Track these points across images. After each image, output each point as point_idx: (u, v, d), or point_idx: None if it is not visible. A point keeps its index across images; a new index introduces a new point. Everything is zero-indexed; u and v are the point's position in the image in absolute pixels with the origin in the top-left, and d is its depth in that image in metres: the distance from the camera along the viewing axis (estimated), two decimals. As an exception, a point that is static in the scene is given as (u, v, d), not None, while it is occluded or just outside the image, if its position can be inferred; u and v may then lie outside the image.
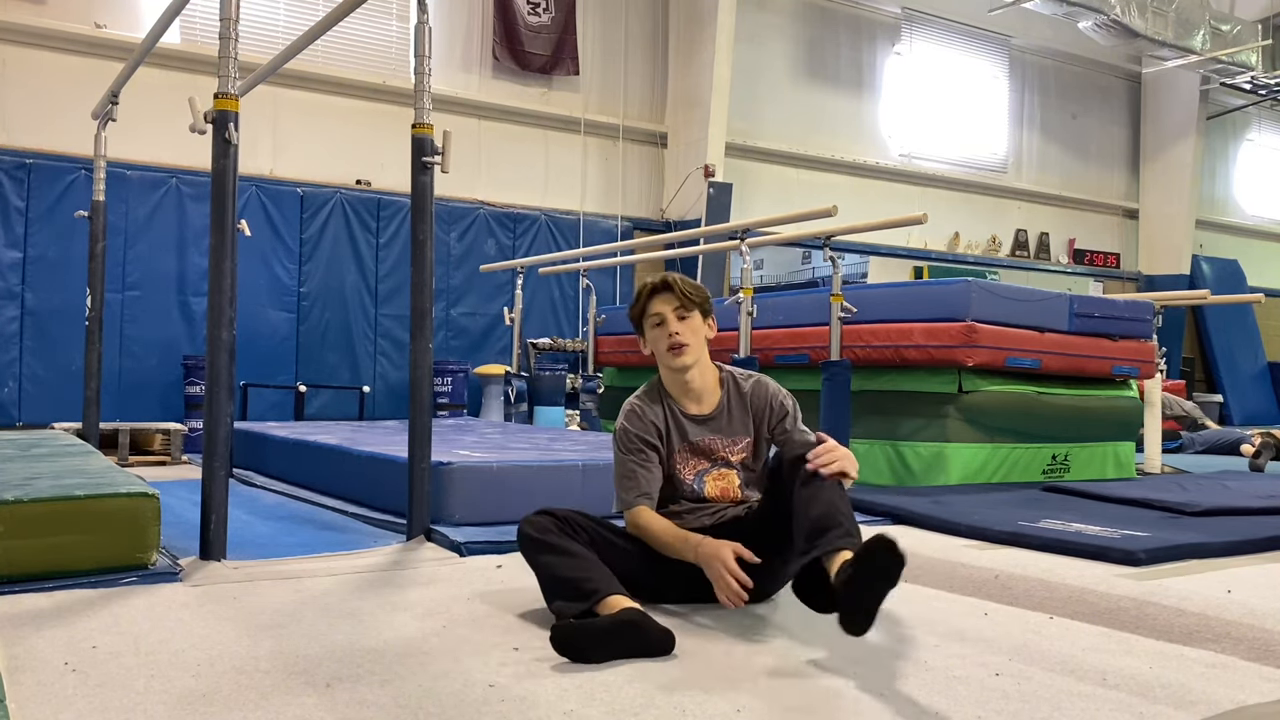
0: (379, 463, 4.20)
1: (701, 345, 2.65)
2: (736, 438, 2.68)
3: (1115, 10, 12.20)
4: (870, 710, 1.82)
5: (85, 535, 2.71)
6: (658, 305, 2.64)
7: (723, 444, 2.67)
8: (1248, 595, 2.66)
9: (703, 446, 2.66)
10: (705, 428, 2.67)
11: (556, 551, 2.39)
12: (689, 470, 2.66)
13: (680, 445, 2.66)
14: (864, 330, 5.35)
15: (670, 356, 2.62)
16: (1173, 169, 15.11)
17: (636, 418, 2.66)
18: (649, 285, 2.69)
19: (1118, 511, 4.15)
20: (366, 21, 9.29)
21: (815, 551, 2.21)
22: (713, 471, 2.66)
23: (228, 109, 3.15)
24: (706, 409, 2.68)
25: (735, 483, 2.67)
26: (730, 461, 2.67)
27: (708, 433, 2.67)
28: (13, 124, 7.91)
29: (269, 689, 1.87)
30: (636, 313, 2.71)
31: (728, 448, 2.67)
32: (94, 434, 5.33)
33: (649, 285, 2.69)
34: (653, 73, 11.12)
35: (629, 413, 2.68)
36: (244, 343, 5.56)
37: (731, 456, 2.67)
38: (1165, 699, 1.91)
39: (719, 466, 2.66)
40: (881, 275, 12.25)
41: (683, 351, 2.61)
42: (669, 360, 2.63)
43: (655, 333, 2.65)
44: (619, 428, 2.68)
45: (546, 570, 2.39)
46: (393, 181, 9.16)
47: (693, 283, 2.68)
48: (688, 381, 2.66)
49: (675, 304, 2.63)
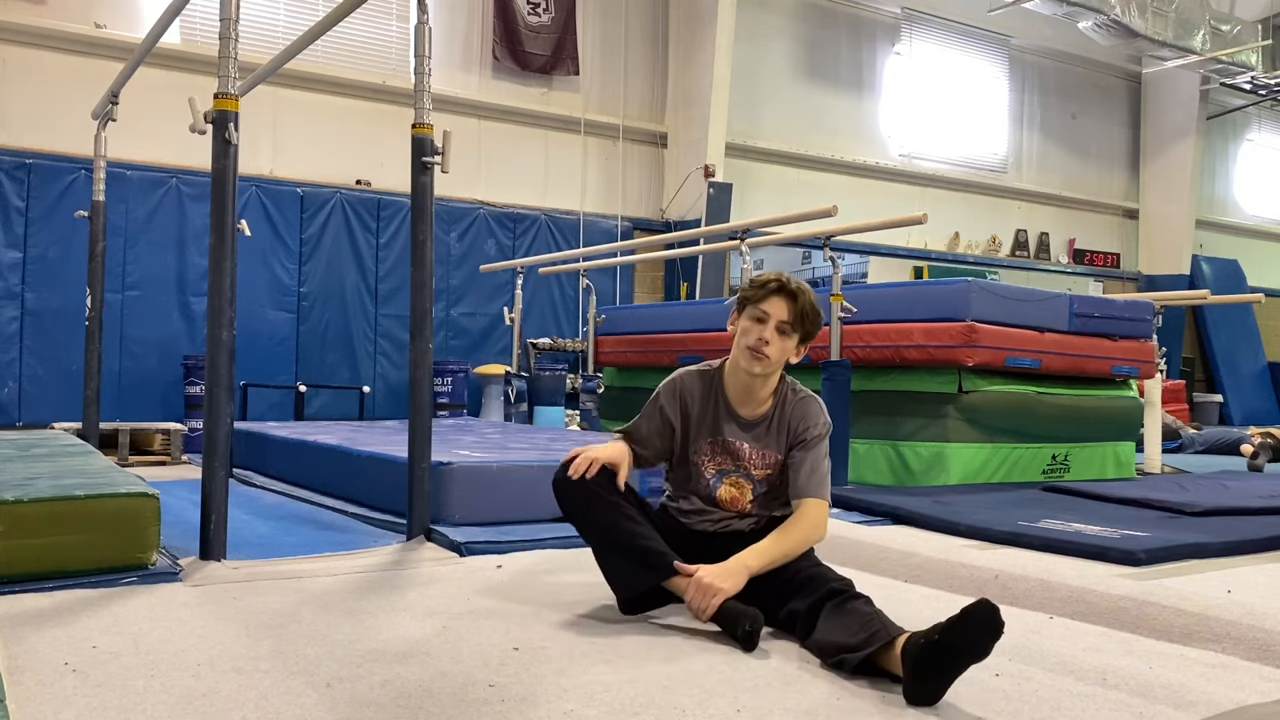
0: (379, 463, 4.20)
1: (780, 364, 2.56)
2: (768, 452, 2.60)
3: (1115, 10, 12.20)
4: (870, 710, 1.82)
5: (85, 535, 2.71)
6: (771, 305, 2.52)
7: (752, 453, 2.60)
8: (1248, 595, 2.66)
9: (734, 449, 2.60)
10: (746, 433, 2.60)
11: (616, 511, 2.44)
12: (712, 466, 2.61)
13: (713, 437, 2.60)
14: (864, 330, 5.34)
15: (747, 356, 2.53)
16: (1173, 169, 15.11)
17: (678, 390, 2.64)
18: (777, 282, 2.55)
19: (1118, 511, 4.15)
20: (366, 21, 9.29)
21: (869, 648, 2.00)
22: (731, 476, 2.61)
23: (228, 109, 3.15)
24: (754, 414, 2.61)
25: (747, 495, 2.61)
26: (751, 474, 2.60)
27: (746, 438, 2.60)
28: (13, 124, 7.91)
29: (269, 689, 1.87)
30: (749, 297, 2.57)
31: (754, 459, 2.60)
32: (94, 434, 5.33)
33: (777, 282, 2.55)
34: (653, 73, 11.12)
35: (677, 381, 2.65)
36: (244, 343, 5.57)
37: (755, 469, 2.60)
38: (1165, 699, 1.91)
39: (739, 474, 2.60)
40: (881, 275, 12.25)
41: (761, 360, 2.51)
42: (743, 359, 2.54)
43: (750, 325, 2.53)
44: (662, 386, 2.66)
45: (605, 531, 2.45)
46: (393, 181, 9.16)
47: (817, 306, 2.57)
48: (749, 385, 2.58)
49: (786, 317, 2.52)
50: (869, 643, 1.99)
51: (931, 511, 3.98)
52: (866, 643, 2.00)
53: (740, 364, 2.56)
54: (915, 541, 3.39)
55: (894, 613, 2.51)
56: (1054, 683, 2.00)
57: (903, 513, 4.06)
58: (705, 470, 2.61)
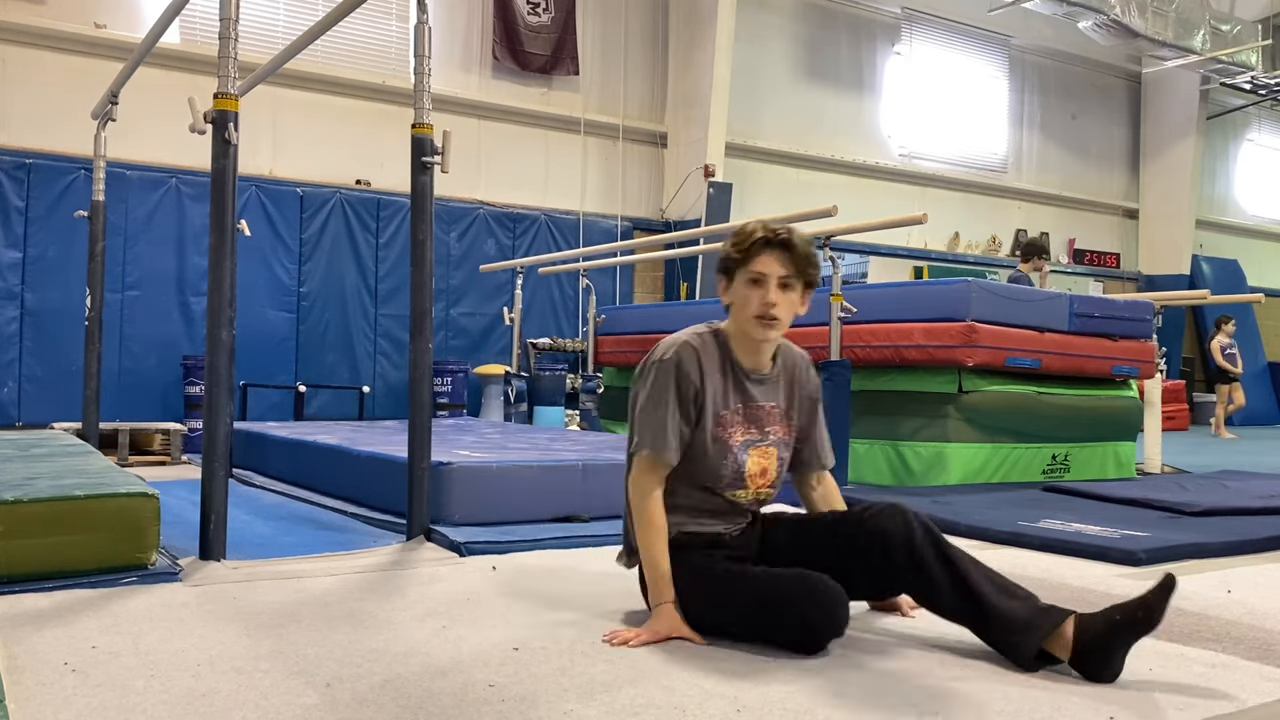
0: (379, 463, 4.20)
1: (791, 320, 2.30)
2: (784, 409, 2.40)
3: (1115, 10, 12.21)
4: (871, 710, 1.82)
5: (85, 535, 2.70)
6: (765, 263, 2.25)
7: (773, 411, 2.37)
8: (1248, 595, 2.66)
9: (759, 413, 2.35)
10: (763, 388, 2.36)
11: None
12: (738, 435, 2.32)
13: (736, 406, 2.32)
14: (864, 330, 5.34)
15: (756, 325, 2.26)
16: (1173, 169, 15.12)
17: (695, 360, 2.28)
18: (761, 235, 2.26)
19: (1118, 511, 4.14)
20: (366, 21, 9.29)
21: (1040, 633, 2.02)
22: (760, 446, 2.35)
23: (227, 109, 3.14)
24: (765, 369, 2.38)
25: (774, 466, 2.38)
26: (776, 437, 2.37)
27: (765, 397, 2.36)
28: (13, 124, 7.91)
29: (269, 689, 1.87)
30: (734, 258, 2.29)
31: (777, 418, 2.38)
32: (94, 434, 5.32)
33: (761, 235, 2.26)
34: (653, 73, 11.12)
35: (685, 350, 2.29)
36: (244, 343, 5.56)
37: (777, 432, 2.38)
38: (1165, 699, 1.91)
39: (766, 443, 2.35)
40: (881, 275, 12.26)
41: (774, 325, 2.26)
42: (752, 328, 2.27)
43: (748, 291, 2.26)
44: (667, 361, 2.29)
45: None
46: (392, 181, 9.16)
47: (811, 246, 2.31)
48: (759, 348, 2.34)
49: (786, 270, 2.25)
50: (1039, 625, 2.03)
51: (931, 511, 3.95)
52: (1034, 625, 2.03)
53: (752, 335, 2.29)
54: (915, 541, 3.38)
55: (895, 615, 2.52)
56: (1054, 683, 2.00)
57: (903, 513, 4.06)
58: (733, 442, 2.31)
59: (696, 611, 2.22)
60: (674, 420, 2.27)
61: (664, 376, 2.28)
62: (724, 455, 2.31)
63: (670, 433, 2.26)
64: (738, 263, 2.29)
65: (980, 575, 2.15)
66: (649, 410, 2.29)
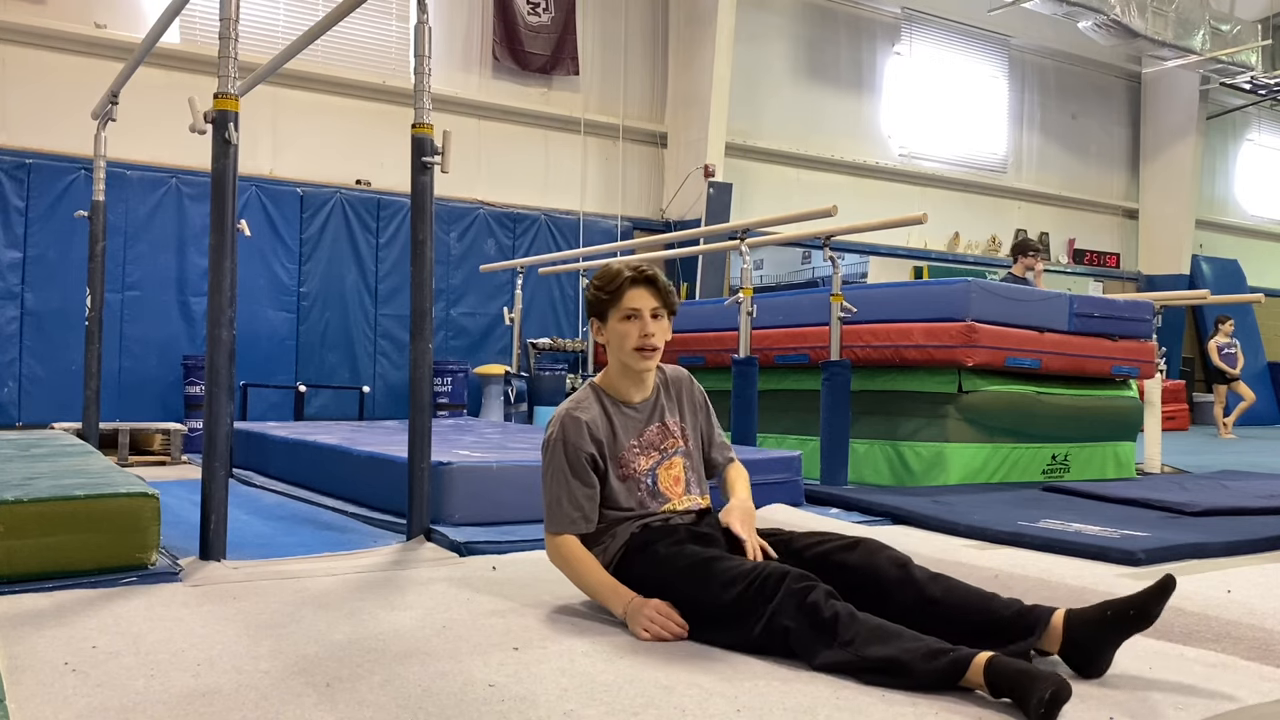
0: (379, 463, 4.20)
1: (663, 347, 2.50)
2: (675, 420, 2.57)
3: (1115, 10, 12.21)
4: (871, 711, 1.82)
5: (85, 535, 2.71)
6: (637, 298, 2.44)
7: (670, 424, 2.55)
8: (1248, 595, 2.66)
9: (654, 436, 2.53)
10: (653, 413, 2.55)
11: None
12: (642, 464, 2.50)
13: (631, 443, 2.50)
14: (864, 330, 5.35)
15: (637, 357, 2.45)
16: (1173, 169, 15.12)
17: (577, 429, 2.44)
18: (628, 274, 2.45)
19: (1117, 511, 4.15)
20: (366, 21, 9.29)
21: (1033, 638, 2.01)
22: (664, 461, 2.52)
23: (228, 109, 3.15)
24: (649, 396, 2.56)
25: (683, 473, 2.54)
26: (679, 448, 2.55)
27: (655, 421, 2.54)
28: (13, 124, 7.91)
29: (269, 689, 1.87)
30: (605, 299, 2.47)
31: (669, 432, 2.54)
32: (94, 434, 5.33)
33: (628, 274, 2.45)
34: (652, 73, 11.13)
35: (568, 422, 2.44)
36: (244, 343, 5.57)
37: (680, 441, 2.55)
38: (1165, 699, 1.91)
39: (668, 457, 2.53)
40: (881, 275, 12.26)
41: (653, 354, 2.46)
42: (634, 359, 2.46)
43: (625, 326, 2.44)
44: (555, 439, 2.45)
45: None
46: (393, 181, 9.16)
47: (667, 279, 2.54)
48: (640, 378, 2.53)
49: (656, 302, 2.46)
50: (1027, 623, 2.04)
51: (931, 511, 3.98)
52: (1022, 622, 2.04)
53: (635, 366, 2.48)
54: (915, 541, 3.39)
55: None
56: (1054, 683, 2.00)
57: (902, 513, 4.07)
58: (639, 472, 2.49)
59: (673, 597, 2.29)
60: (578, 493, 2.43)
61: (556, 457, 2.45)
62: (636, 486, 2.49)
63: (577, 506, 2.43)
64: (608, 302, 2.47)
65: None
66: (552, 491, 2.46)
